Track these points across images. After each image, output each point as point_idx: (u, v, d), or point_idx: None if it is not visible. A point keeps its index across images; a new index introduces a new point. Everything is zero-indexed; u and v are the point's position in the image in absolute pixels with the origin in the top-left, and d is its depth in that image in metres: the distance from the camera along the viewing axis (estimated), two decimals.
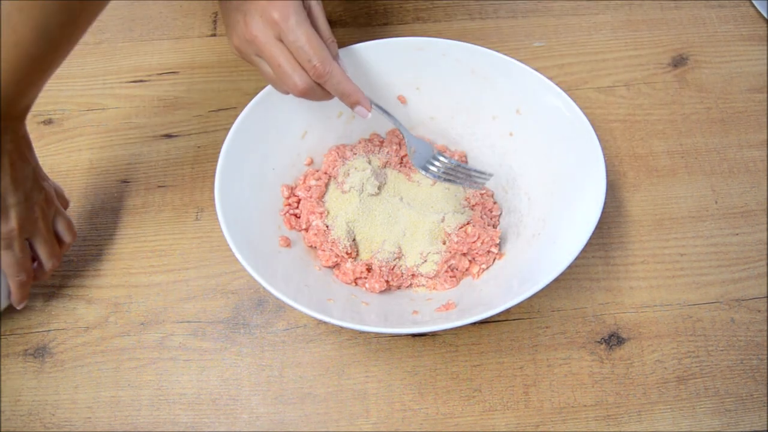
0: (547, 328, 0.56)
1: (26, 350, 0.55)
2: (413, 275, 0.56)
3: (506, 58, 0.57)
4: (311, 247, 0.57)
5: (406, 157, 0.61)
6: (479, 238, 0.54)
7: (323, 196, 0.58)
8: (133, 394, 0.53)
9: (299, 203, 0.58)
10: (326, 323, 0.55)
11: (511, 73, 0.57)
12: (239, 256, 0.48)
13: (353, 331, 0.55)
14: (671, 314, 0.56)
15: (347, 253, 0.55)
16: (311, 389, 0.53)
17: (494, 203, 0.60)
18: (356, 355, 0.55)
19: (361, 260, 0.56)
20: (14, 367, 0.54)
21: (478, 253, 0.55)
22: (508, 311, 0.56)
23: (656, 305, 0.57)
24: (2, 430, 0.52)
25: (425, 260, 0.55)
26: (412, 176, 0.60)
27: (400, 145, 0.62)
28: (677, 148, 0.65)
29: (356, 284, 0.55)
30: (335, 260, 0.55)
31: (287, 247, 0.55)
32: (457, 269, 0.55)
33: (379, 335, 0.55)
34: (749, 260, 0.59)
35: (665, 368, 0.54)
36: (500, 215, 0.59)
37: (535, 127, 0.57)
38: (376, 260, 0.55)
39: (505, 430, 0.52)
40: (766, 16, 0.73)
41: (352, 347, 0.55)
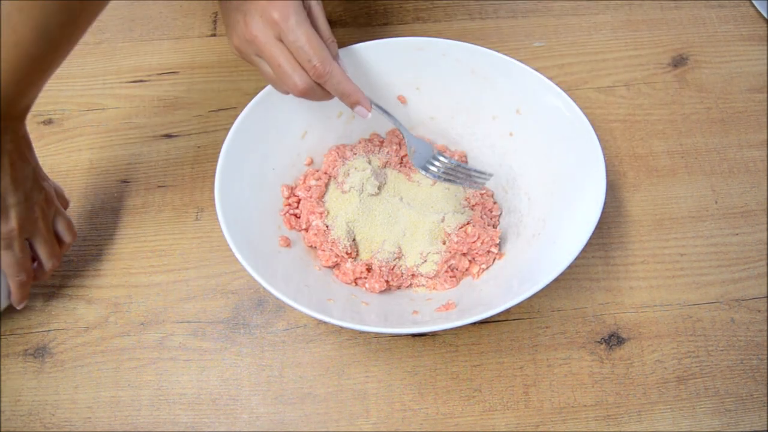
0: (547, 328, 0.56)
1: (26, 350, 0.55)
2: (413, 275, 0.56)
3: (506, 58, 0.57)
4: (311, 247, 0.57)
5: (406, 157, 0.61)
6: (479, 238, 0.54)
7: (323, 196, 0.58)
8: (133, 394, 0.53)
9: (299, 203, 0.58)
10: (326, 323, 0.55)
11: (511, 73, 0.57)
12: (239, 256, 0.48)
13: (353, 331, 0.55)
14: (671, 314, 0.56)
15: (347, 253, 0.55)
16: (311, 389, 0.53)
17: (494, 203, 0.60)
18: (356, 355, 0.55)
19: (361, 260, 0.56)
20: (14, 367, 0.54)
21: (478, 253, 0.55)
22: (508, 311, 0.56)
23: (656, 305, 0.57)
24: (2, 430, 0.52)
25: (425, 260, 0.55)
26: (412, 176, 0.60)
27: (400, 145, 0.62)
28: (677, 148, 0.65)
29: (356, 284, 0.55)
30: (335, 260, 0.55)
31: (287, 247, 0.55)
32: (457, 269, 0.55)
33: (379, 335, 0.55)
34: (749, 260, 0.59)
35: (665, 368, 0.54)
36: (500, 215, 0.59)
37: (535, 127, 0.57)
38: (376, 260, 0.55)
39: (505, 430, 0.52)
40: (766, 16, 0.73)
41: (352, 347, 0.55)
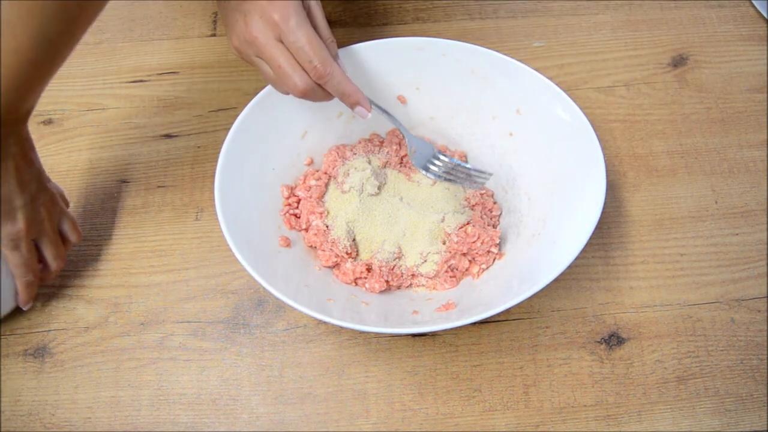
0: (547, 328, 0.56)
1: (26, 350, 0.55)
2: (413, 275, 0.56)
3: (506, 58, 0.57)
4: (311, 247, 0.57)
5: (406, 157, 0.61)
6: (479, 238, 0.54)
7: (323, 196, 0.58)
8: (133, 394, 0.53)
9: (299, 203, 0.58)
10: (326, 323, 0.55)
11: (511, 73, 0.57)
12: (239, 256, 0.48)
13: (353, 331, 0.55)
14: (671, 314, 0.56)
15: (347, 253, 0.55)
16: (311, 389, 0.53)
17: (494, 203, 0.60)
18: (356, 355, 0.55)
19: (361, 260, 0.56)
20: (14, 367, 0.54)
21: (478, 253, 0.55)
22: (508, 311, 0.56)
23: (656, 305, 0.57)
24: (2, 430, 0.52)
25: (425, 260, 0.55)
26: (412, 176, 0.60)
27: (400, 145, 0.62)
28: (677, 148, 0.65)
29: (356, 284, 0.55)
30: (335, 260, 0.55)
31: (287, 247, 0.55)
32: (457, 269, 0.55)
33: (379, 335, 0.55)
34: (749, 260, 0.59)
35: (665, 368, 0.54)
36: (500, 215, 0.59)
37: (535, 127, 0.57)
38: (376, 260, 0.55)
39: (505, 430, 0.52)
40: (766, 16, 0.73)
41: (352, 347, 0.55)
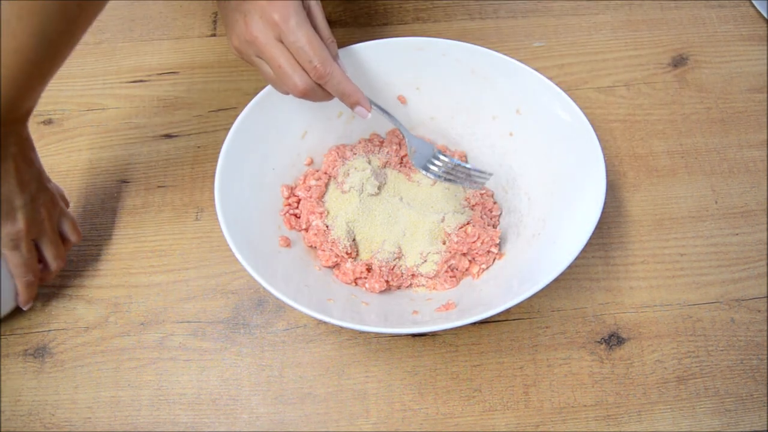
0: (547, 328, 0.56)
1: (26, 350, 0.55)
2: (413, 275, 0.56)
3: (506, 58, 0.57)
4: (311, 247, 0.57)
5: (406, 157, 0.61)
6: (479, 238, 0.54)
7: (323, 196, 0.58)
8: (133, 394, 0.53)
9: (299, 203, 0.58)
10: (326, 323, 0.55)
11: (511, 73, 0.57)
12: (239, 256, 0.48)
13: (353, 331, 0.55)
14: (671, 314, 0.56)
15: (347, 253, 0.55)
16: (311, 389, 0.53)
17: (494, 203, 0.60)
18: (356, 355, 0.55)
19: (361, 260, 0.56)
20: (14, 367, 0.54)
21: (478, 253, 0.55)
22: (508, 311, 0.56)
23: (656, 305, 0.57)
24: (2, 430, 0.52)
25: (425, 260, 0.55)
26: (412, 176, 0.60)
27: (400, 145, 0.62)
28: (677, 148, 0.65)
29: (356, 284, 0.55)
30: (335, 260, 0.55)
31: (287, 247, 0.55)
32: (457, 269, 0.55)
33: (379, 335, 0.55)
34: (749, 260, 0.59)
35: (665, 368, 0.54)
36: (500, 215, 0.59)
37: (535, 127, 0.57)
38: (376, 260, 0.55)
39: (505, 430, 0.52)
40: (766, 16, 0.73)
41: (352, 347, 0.55)
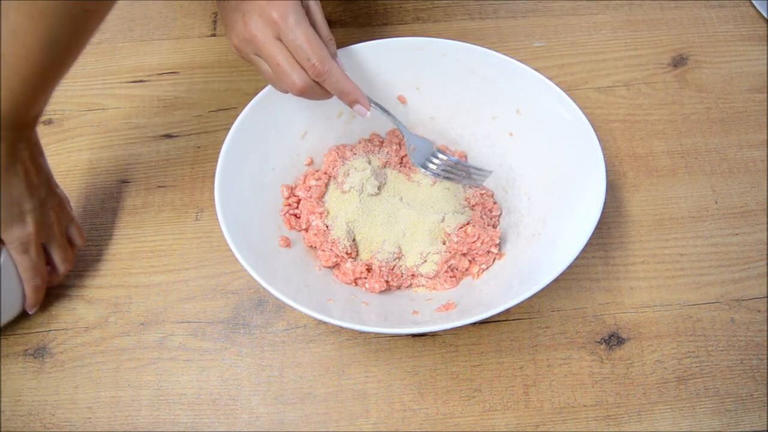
0: (547, 328, 0.56)
1: (26, 350, 0.55)
2: (413, 275, 0.56)
3: (506, 58, 0.57)
4: (311, 247, 0.57)
5: (406, 157, 0.61)
6: (479, 238, 0.54)
7: (323, 196, 0.58)
8: (133, 394, 0.53)
9: (299, 203, 0.58)
10: (326, 323, 0.55)
11: (511, 73, 0.57)
12: (239, 256, 0.48)
13: (353, 331, 0.55)
14: (671, 314, 0.56)
15: (347, 253, 0.55)
16: (311, 389, 0.53)
17: (494, 203, 0.60)
18: (356, 355, 0.55)
19: (361, 260, 0.56)
20: (14, 367, 0.54)
21: (478, 253, 0.55)
22: (508, 311, 0.56)
23: (656, 305, 0.57)
24: (2, 430, 0.52)
25: (425, 260, 0.55)
26: (412, 176, 0.60)
27: (400, 145, 0.62)
28: (677, 148, 0.65)
29: (356, 284, 0.55)
30: (335, 260, 0.55)
31: (287, 247, 0.55)
32: (457, 269, 0.55)
33: (379, 335, 0.55)
34: (749, 260, 0.59)
35: (665, 368, 0.54)
36: (500, 215, 0.59)
37: (535, 127, 0.57)
38: (376, 260, 0.55)
39: (505, 430, 0.52)
40: (766, 16, 0.73)
41: (352, 347, 0.55)
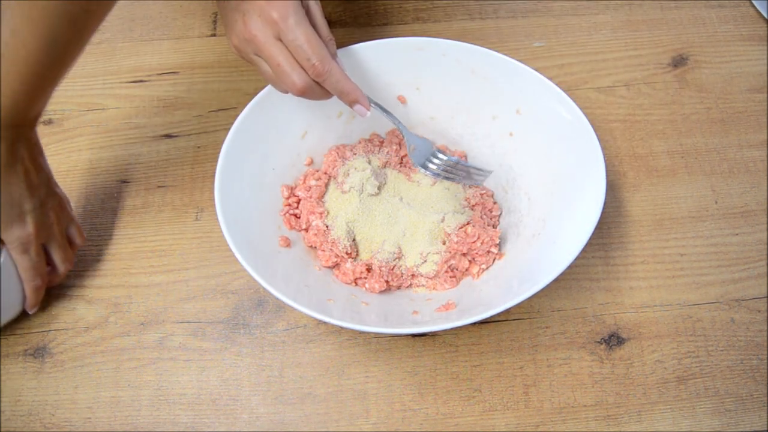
0: (547, 328, 0.56)
1: (26, 350, 0.55)
2: (413, 275, 0.56)
3: (506, 58, 0.57)
4: (311, 247, 0.57)
5: (406, 157, 0.61)
6: (479, 238, 0.54)
7: (323, 196, 0.58)
8: (133, 394, 0.53)
9: (299, 203, 0.58)
10: (326, 323, 0.55)
11: (511, 73, 0.57)
12: (239, 256, 0.48)
13: (353, 331, 0.55)
14: (671, 314, 0.56)
15: (347, 253, 0.55)
16: (311, 389, 0.53)
17: (494, 203, 0.60)
18: (356, 355, 0.55)
19: (361, 260, 0.56)
20: (14, 367, 0.54)
21: (478, 253, 0.55)
22: (508, 311, 0.56)
23: (656, 305, 0.57)
24: (2, 430, 0.52)
25: (425, 260, 0.55)
26: (412, 176, 0.60)
27: (400, 145, 0.62)
28: (677, 148, 0.65)
29: (356, 284, 0.55)
30: (335, 260, 0.55)
31: (287, 247, 0.55)
32: (457, 269, 0.55)
33: (379, 335, 0.55)
34: (749, 260, 0.59)
35: (665, 368, 0.54)
36: (500, 215, 0.59)
37: (535, 127, 0.57)
38: (376, 260, 0.55)
39: (505, 430, 0.52)
40: (766, 16, 0.73)
41: (352, 347, 0.55)
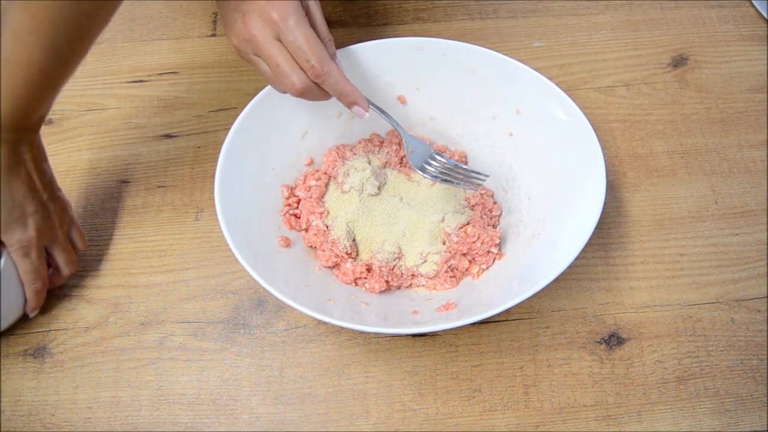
0: (547, 328, 0.56)
1: (26, 350, 0.55)
2: (413, 275, 0.56)
3: (506, 58, 0.57)
4: (311, 247, 0.57)
5: (405, 157, 0.61)
6: (479, 238, 0.54)
7: (323, 196, 0.58)
8: (133, 394, 0.53)
9: (299, 203, 0.58)
10: (326, 323, 0.55)
11: (511, 73, 0.57)
12: (239, 256, 0.48)
13: (353, 331, 0.55)
14: (671, 314, 0.56)
15: (347, 253, 0.55)
16: (311, 389, 0.53)
17: (494, 203, 0.60)
18: (356, 355, 0.55)
19: (361, 260, 0.56)
20: (14, 367, 0.54)
21: (478, 253, 0.55)
22: (508, 311, 0.56)
23: (656, 305, 0.57)
24: (2, 430, 0.52)
25: (425, 260, 0.55)
26: (412, 176, 0.60)
27: (399, 145, 0.62)
28: (677, 148, 0.65)
29: (356, 284, 0.55)
30: (335, 260, 0.55)
31: (287, 247, 0.55)
32: (457, 269, 0.55)
33: (379, 335, 0.55)
34: (749, 260, 0.59)
35: (665, 368, 0.54)
36: (500, 215, 0.59)
37: (535, 127, 0.57)
38: (376, 260, 0.55)
39: (505, 430, 0.52)
40: (766, 16, 0.73)
41: (352, 347, 0.55)
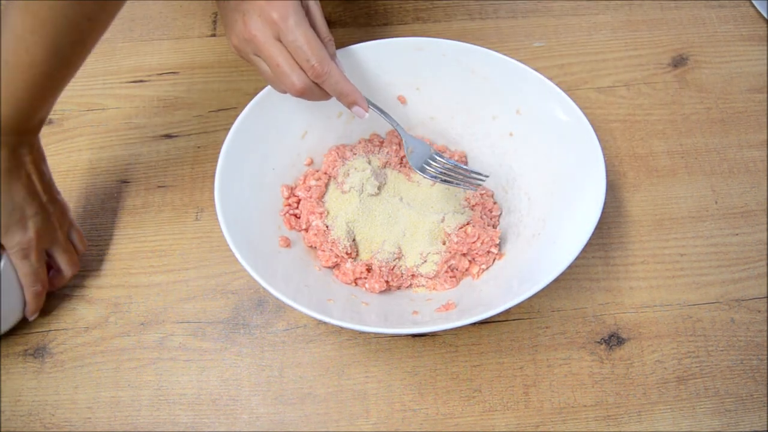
0: (547, 328, 0.56)
1: (26, 350, 0.55)
2: (413, 275, 0.56)
3: (506, 58, 0.57)
4: (311, 247, 0.57)
5: (405, 157, 0.61)
6: (479, 238, 0.54)
7: (323, 196, 0.58)
8: (133, 394, 0.53)
9: (299, 203, 0.58)
10: (326, 323, 0.55)
11: (511, 73, 0.57)
12: (239, 256, 0.48)
13: (353, 331, 0.55)
14: (671, 314, 0.56)
15: (347, 253, 0.55)
16: (311, 389, 0.53)
17: (494, 203, 0.60)
18: (356, 355, 0.55)
19: (361, 260, 0.56)
20: (14, 367, 0.54)
21: (478, 253, 0.55)
22: (508, 311, 0.56)
23: (656, 305, 0.57)
24: (2, 430, 0.52)
25: (425, 260, 0.55)
26: (412, 176, 0.60)
27: (399, 145, 0.62)
28: (677, 148, 0.65)
29: (356, 284, 0.55)
30: (335, 260, 0.55)
31: (287, 247, 0.55)
32: (457, 269, 0.55)
33: (379, 335, 0.55)
34: (749, 260, 0.59)
35: (665, 368, 0.54)
36: (500, 215, 0.59)
37: (535, 127, 0.57)
38: (376, 260, 0.55)
39: (505, 430, 0.52)
40: (766, 16, 0.73)
41: (352, 347, 0.55)
